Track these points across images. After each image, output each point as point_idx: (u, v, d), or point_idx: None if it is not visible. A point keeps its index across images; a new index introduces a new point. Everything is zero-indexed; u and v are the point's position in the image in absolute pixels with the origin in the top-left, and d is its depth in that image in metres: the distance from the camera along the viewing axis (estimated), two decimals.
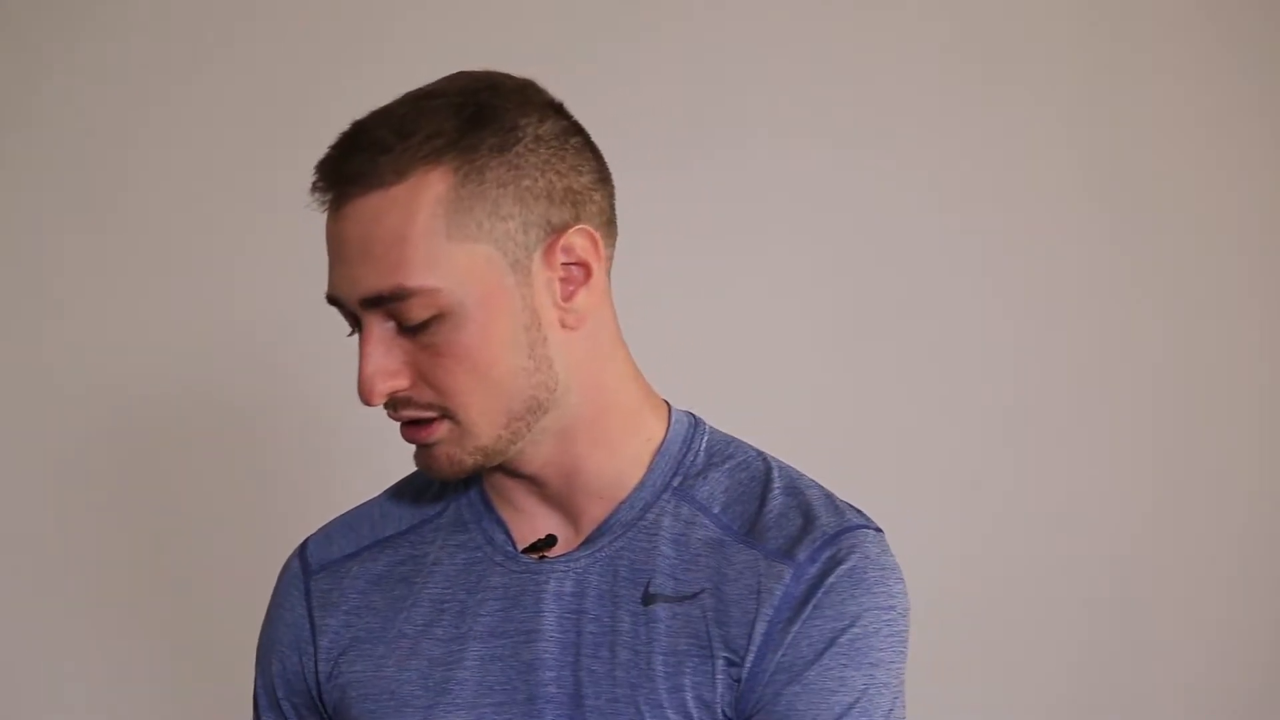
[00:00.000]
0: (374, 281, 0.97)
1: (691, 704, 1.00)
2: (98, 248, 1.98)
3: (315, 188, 0.99)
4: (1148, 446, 2.10)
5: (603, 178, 1.03)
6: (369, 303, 0.98)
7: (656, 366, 1.14)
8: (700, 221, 2.03)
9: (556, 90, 1.06)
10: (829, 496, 1.06)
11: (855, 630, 0.99)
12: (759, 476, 1.06)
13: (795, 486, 1.06)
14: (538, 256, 0.99)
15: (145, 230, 1.99)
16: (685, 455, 1.07)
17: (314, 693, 1.12)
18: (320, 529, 1.16)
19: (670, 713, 1.00)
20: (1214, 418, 2.11)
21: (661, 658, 1.00)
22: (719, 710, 1.00)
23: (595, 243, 1.01)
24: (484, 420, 1.00)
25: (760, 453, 1.09)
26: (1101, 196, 2.09)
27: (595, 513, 1.05)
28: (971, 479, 2.06)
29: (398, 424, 1.03)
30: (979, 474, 2.06)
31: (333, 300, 1.01)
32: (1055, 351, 2.09)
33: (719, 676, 1.00)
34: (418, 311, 0.97)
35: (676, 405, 1.11)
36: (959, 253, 2.07)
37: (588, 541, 1.05)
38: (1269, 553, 2.11)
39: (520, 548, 1.07)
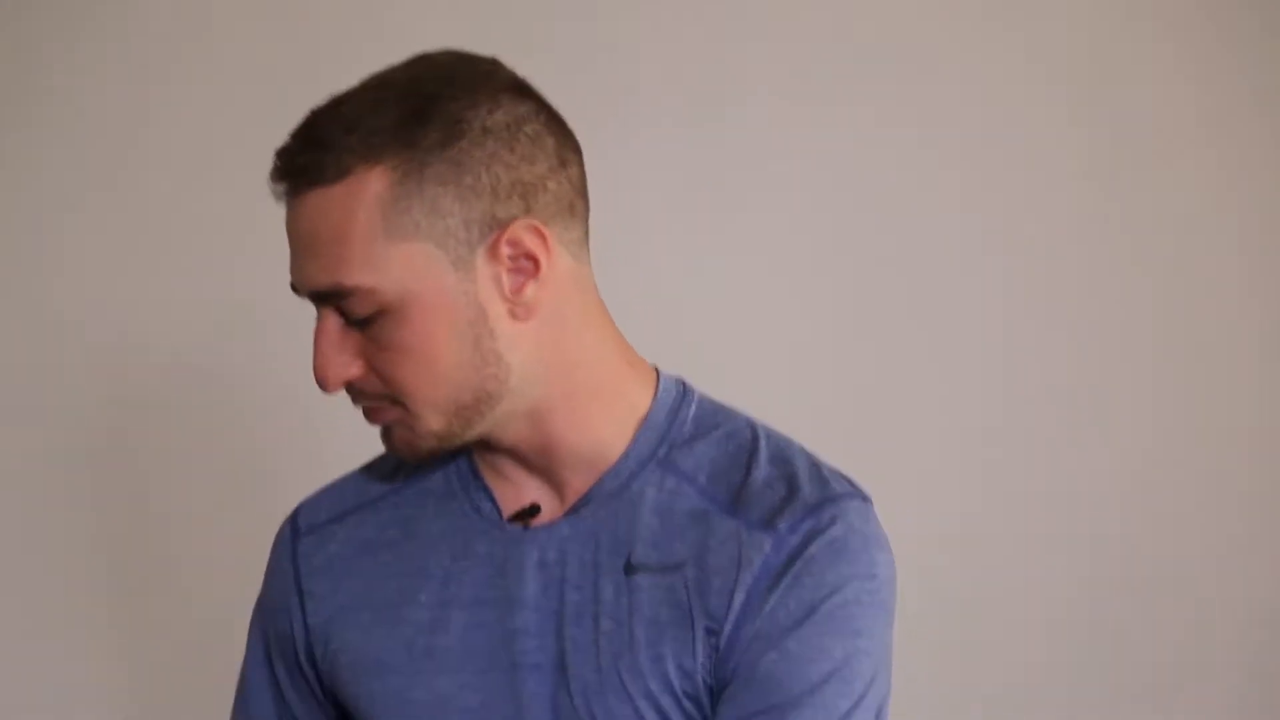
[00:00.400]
0: (318, 277, 0.98)
1: (673, 673, 1.00)
2: (98, 228, 1.98)
3: (271, 177, 1.00)
4: (1147, 420, 2.08)
5: (562, 161, 1.02)
6: (316, 296, 1.00)
7: (650, 339, 1.14)
8: (697, 196, 2.03)
9: (549, 66, 1.06)
10: (816, 465, 1.05)
11: (836, 600, 0.98)
12: (746, 446, 1.06)
13: (782, 455, 1.05)
14: (481, 252, 0.98)
15: (145, 210, 1.99)
16: (672, 426, 1.06)
17: (301, 657, 1.13)
18: (312, 494, 1.18)
19: (651, 682, 1.00)
20: (1213, 389, 2.09)
21: (643, 627, 1.00)
22: (699, 679, 1.00)
23: (543, 237, 0.99)
24: (431, 410, 1.01)
25: (750, 421, 1.09)
26: (1101, 168, 2.07)
27: (579, 483, 1.05)
28: (969, 455, 2.06)
29: None
30: (977, 449, 2.06)
31: (293, 286, 1.02)
32: (1054, 331, 2.07)
33: (699, 645, 0.99)
34: (359, 308, 0.98)
35: (668, 371, 1.10)
36: (957, 230, 2.06)
37: (571, 511, 1.05)
38: (1269, 531, 2.09)
39: (506, 516, 1.07)
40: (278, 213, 1.01)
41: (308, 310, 1.02)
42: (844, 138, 2.05)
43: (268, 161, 1.00)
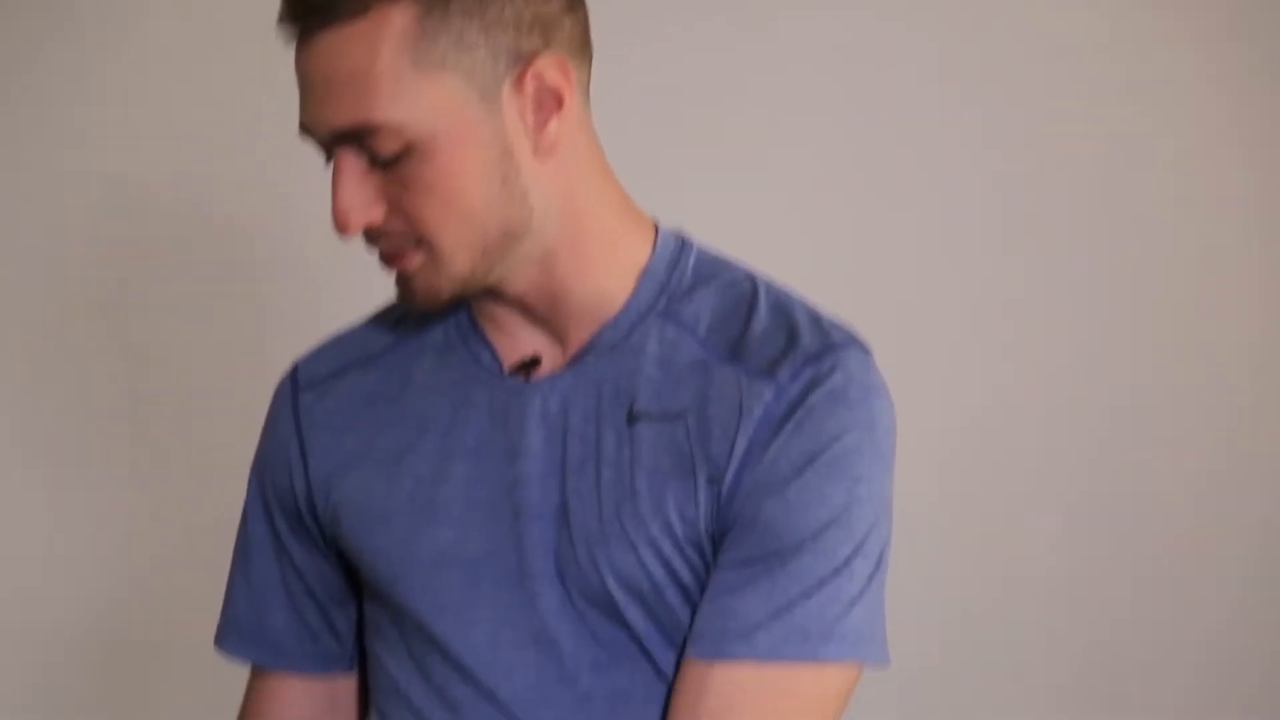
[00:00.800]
0: (341, 117, 0.97)
1: (675, 521, 1.00)
2: (102, 64, 1.97)
3: (281, 20, 0.98)
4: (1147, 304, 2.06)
5: (571, 4, 1.02)
6: (339, 137, 0.98)
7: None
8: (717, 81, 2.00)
9: None
10: (815, 315, 1.05)
11: (836, 448, 0.99)
12: (745, 296, 1.06)
13: (781, 305, 1.06)
14: (507, 86, 0.98)
15: (153, 45, 1.97)
16: (671, 276, 1.06)
17: (302, 510, 1.14)
18: (311, 349, 1.18)
19: (654, 529, 1.00)
20: (1218, 266, 2.06)
21: (644, 476, 1.01)
22: (701, 527, 1.00)
23: (566, 71, 1.00)
24: (457, 250, 1.00)
25: (749, 272, 1.09)
26: (1111, 65, 2.02)
27: (581, 334, 1.06)
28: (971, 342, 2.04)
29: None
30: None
31: (305, 130, 1.00)
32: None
33: (701, 493, 1.00)
34: (386, 145, 0.97)
35: (667, 225, 1.10)
36: (965, 133, 2.02)
37: (573, 362, 1.05)
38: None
39: (506, 369, 1.07)
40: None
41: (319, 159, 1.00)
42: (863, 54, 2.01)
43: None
